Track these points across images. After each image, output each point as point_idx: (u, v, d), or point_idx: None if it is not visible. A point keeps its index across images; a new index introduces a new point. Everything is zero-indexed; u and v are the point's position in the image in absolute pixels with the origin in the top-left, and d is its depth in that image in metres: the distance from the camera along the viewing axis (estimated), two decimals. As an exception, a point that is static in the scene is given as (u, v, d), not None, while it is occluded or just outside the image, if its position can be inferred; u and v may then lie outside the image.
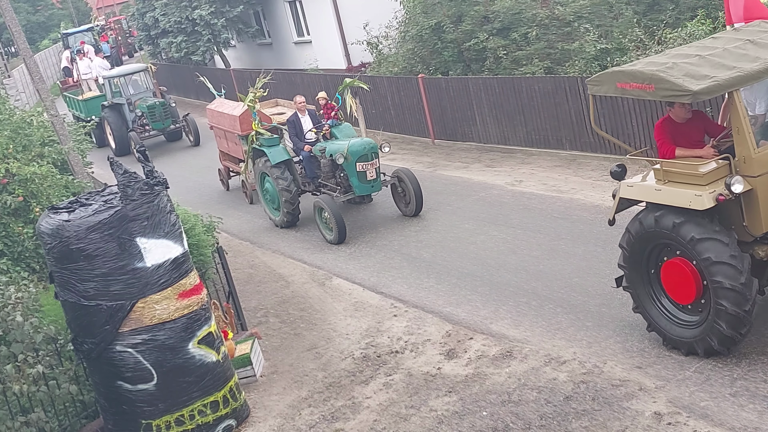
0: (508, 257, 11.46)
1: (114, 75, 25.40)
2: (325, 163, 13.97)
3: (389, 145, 14.29)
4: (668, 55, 8.24)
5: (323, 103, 15.13)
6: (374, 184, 13.62)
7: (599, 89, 8.29)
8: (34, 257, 10.30)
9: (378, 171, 13.63)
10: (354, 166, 13.41)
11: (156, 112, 23.94)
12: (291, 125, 14.55)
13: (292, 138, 14.59)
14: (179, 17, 29.66)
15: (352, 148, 13.38)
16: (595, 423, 7.38)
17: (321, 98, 15.25)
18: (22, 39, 12.30)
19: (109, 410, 8.33)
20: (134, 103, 24.38)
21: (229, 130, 16.92)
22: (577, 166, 14.92)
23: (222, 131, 17.51)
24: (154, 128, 24.12)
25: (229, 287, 11.04)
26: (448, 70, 19.54)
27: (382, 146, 13.90)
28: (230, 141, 17.24)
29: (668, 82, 7.44)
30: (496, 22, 18.39)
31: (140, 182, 8.08)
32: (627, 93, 8.03)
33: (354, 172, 13.46)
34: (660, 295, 8.24)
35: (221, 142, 17.94)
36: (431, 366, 9.01)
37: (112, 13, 62.04)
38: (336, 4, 25.72)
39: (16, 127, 11.68)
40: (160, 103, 24.10)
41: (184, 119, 24.49)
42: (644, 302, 8.34)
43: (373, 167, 13.52)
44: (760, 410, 7.05)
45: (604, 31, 18.18)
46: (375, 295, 11.27)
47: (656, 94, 7.63)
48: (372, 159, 13.51)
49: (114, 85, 24.84)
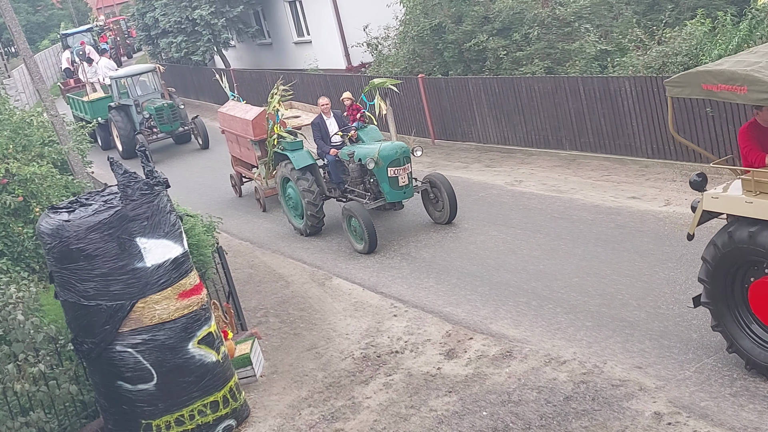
0: (508, 257, 11.46)
1: (121, 75, 24.79)
2: (354, 168, 13.20)
3: (421, 149, 13.61)
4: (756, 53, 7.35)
5: (348, 105, 14.54)
6: (406, 190, 12.89)
7: (681, 91, 7.55)
8: (34, 257, 10.30)
9: (410, 176, 12.94)
10: (385, 171, 12.70)
11: (164, 114, 23.28)
12: (315, 128, 13.84)
13: (316, 141, 13.86)
14: (179, 17, 29.66)
15: (383, 152, 12.65)
16: (595, 423, 7.38)
17: (346, 99, 14.64)
18: (22, 39, 12.30)
19: (109, 410, 8.33)
20: (142, 105, 23.76)
21: (242, 135, 16.35)
22: (576, 166, 14.92)
23: (234, 135, 16.91)
24: (162, 131, 23.45)
25: (229, 287, 11.04)
26: (449, 70, 19.55)
27: (414, 150, 13.24)
28: (242, 146, 16.66)
29: (764, 83, 6.69)
30: (496, 22, 18.40)
31: (140, 182, 8.08)
32: (713, 95, 7.26)
33: (385, 178, 12.74)
34: (746, 316, 7.54)
35: (233, 146, 17.36)
36: (431, 366, 9.01)
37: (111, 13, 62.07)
38: (336, 4, 25.72)
39: (16, 127, 11.69)
40: (168, 105, 23.46)
41: (192, 121, 23.90)
42: (726, 321, 7.64)
43: (405, 172, 12.79)
44: (760, 410, 7.05)
45: (604, 31, 18.20)
46: (375, 295, 11.27)
47: (748, 96, 6.91)
48: (404, 164, 12.79)
49: (121, 86, 24.24)
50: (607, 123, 14.67)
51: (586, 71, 16.43)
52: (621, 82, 14.20)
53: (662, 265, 10.19)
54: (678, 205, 11.99)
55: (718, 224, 11.05)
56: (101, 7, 68.30)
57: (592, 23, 18.23)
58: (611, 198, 12.90)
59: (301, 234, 14.22)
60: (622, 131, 14.45)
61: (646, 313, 9.08)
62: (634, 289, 9.71)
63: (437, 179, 13.16)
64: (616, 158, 14.63)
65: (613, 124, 14.57)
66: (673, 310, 9.01)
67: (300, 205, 13.99)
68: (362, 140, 13.75)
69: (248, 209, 16.83)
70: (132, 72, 24.98)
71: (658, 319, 8.91)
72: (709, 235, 10.70)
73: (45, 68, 43.93)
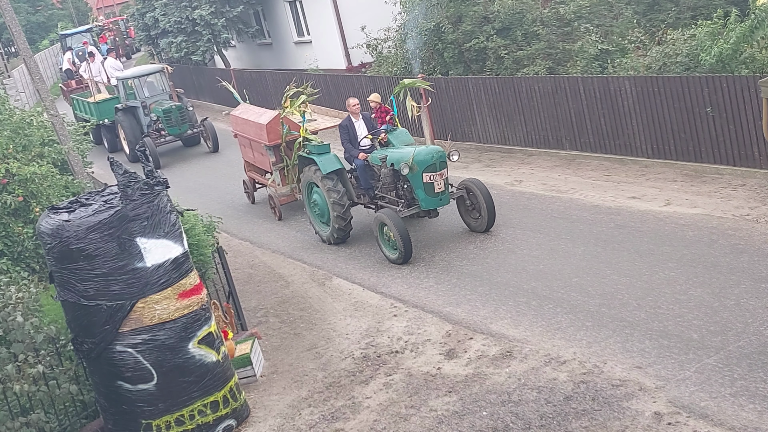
0: (508, 257, 11.46)
1: (128, 76, 23.94)
2: (386, 173, 12.47)
3: (458, 153, 12.80)
4: None
5: (375, 106, 13.91)
6: (442, 197, 12.12)
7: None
8: (34, 257, 10.31)
9: (446, 182, 12.17)
10: (420, 177, 11.96)
11: (172, 116, 22.51)
12: (343, 131, 13.19)
13: (344, 145, 13.20)
14: (179, 17, 29.67)
15: (418, 157, 11.92)
16: (595, 423, 7.38)
17: (373, 100, 14.00)
18: (22, 39, 12.31)
19: (109, 410, 8.33)
20: (149, 107, 23.02)
21: (255, 140, 15.58)
22: (576, 166, 14.93)
23: (247, 140, 16.17)
24: (170, 134, 22.68)
25: (229, 287, 11.05)
26: (449, 70, 19.55)
27: (450, 154, 12.48)
28: (256, 151, 15.91)
29: None
30: (496, 22, 18.40)
31: (140, 182, 8.08)
32: None
33: (420, 184, 12.01)
34: None
35: (246, 151, 16.58)
36: (431, 366, 9.01)
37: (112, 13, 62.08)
38: (336, 4, 25.74)
39: (16, 127, 11.70)
40: (176, 107, 22.68)
41: (201, 124, 23.11)
42: None
43: (441, 178, 12.03)
44: (760, 410, 7.05)
45: (604, 31, 18.21)
46: (375, 295, 11.27)
47: None
48: (440, 169, 12.01)
49: (128, 87, 23.54)
50: (607, 123, 14.68)
51: (586, 71, 16.43)
52: (621, 82, 14.20)
53: (662, 265, 10.19)
54: (678, 205, 12.00)
55: (719, 224, 11.10)
56: (101, 7, 68.37)
57: (592, 23, 18.23)
58: (611, 198, 12.90)
59: (327, 242, 13.54)
60: (622, 131, 14.45)
61: (646, 313, 9.09)
62: (634, 289, 9.71)
63: (474, 185, 12.41)
64: (616, 158, 14.64)
65: (613, 124, 14.57)
66: (673, 310, 9.01)
67: (326, 212, 13.29)
68: (392, 144, 13.08)
69: (248, 209, 16.82)
70: (139, 73, 24.19)
71: (657, 319, 8.92)
72: (710, 235, 10.75)
73: (45, 68, 43.93)
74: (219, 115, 27.04)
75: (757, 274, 9.47)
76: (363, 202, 13.34)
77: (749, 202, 11.59)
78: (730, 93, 12.45)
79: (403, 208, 12.34)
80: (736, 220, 11.09)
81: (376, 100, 14.08)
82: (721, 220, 11.20)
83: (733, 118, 12.58)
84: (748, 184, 12.26)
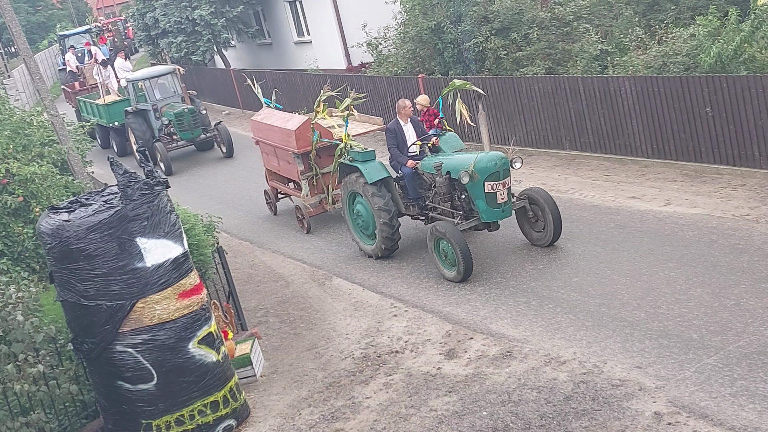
0: (507, 257, 11.45)
1: (138, 78, 22.76)
2: (441, 182, 11.37)
3: (521, 160, 11.51)
4: None
5: (423, 109, 13.18)
6: (505, 208, 11.07)
7: None
8: (34, 257, 10.31)
9: (509, 192, 11.14)
10: (482, 186, 10.90)
11: (184, 120, 21.49)
12: (391, 135, 12.11)
13: (391, 150, 12.14)
14: (179, 17, 29.68)
15: (479, 164, 10.87)
16: (595, 423, 7.38)
17: (421, 103, 13.30)
18: (22, 39, 12.31)
19: (109, 410, 8.33)
20: (161, 110, 21.99)
21: (281, 147, 14.39)
22: (576, 166, 14.93)
23: (271, 147, 14.95)
24: (183, 138, 21.67)
25: (229, 287, 11.05)
26: (449, 70, 19.56)
27: (513, 161, 11.31)
28: (282, 159, 14.71)
29: None
30: (495, 22, 18.41)
31: (140, 182, 8.08)
32: None
33: (481, 194, 10.94)
34: None
35: (269, 159, 15.39)
36: (431, 366, 9.01)
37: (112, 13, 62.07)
38: (336, 4, 25.76)
39: (16, 127, 11.70)
40: (189, 110, 21.63)
41: (215, 128, 22.11)
42: None
43: (504, 187, 10.97)
44: (759, 410, 7.05)
45: (604, 31, 18.22)
46: (375, 295, 11.28)
47: None
48: (504, 177, 10.96)
49: (138, 89, 22.56)
50: (607, 123, 14.68)
51: (586, 71, 16.44)
52: (621, 82, 14.21)
53: (662, 265, 10.20)
54: (678, 205, 12.00)
55: (719, 224, 11.10)
56: (101, 7, 68.40)
57: (592, 23, 18.25)
58: (611, 198, 12.91)
59: (372, 257, 12.48)
60: (622, 131, 14.45)
61: (646, 313, 9.09)
62: (634, 289, 9.71)
63: (538, 195, 11.38)
64: (615, 158, 14.64)
65: (612, 124, 14.58)
66: (673, 310, 9.01)
67: (371, 224, 12.25)
68: (441, 149, 12.20)
69: (248, 209, 16.81)
70: (150, 74, 22.99)
71: (657, 319, 8.92)
72: (710, 235, 10.76)
73: (45, 68, 43.96)
74: (219, 115, 27.09)
75: (757, 274, 9.47)
76: (411, 213, 12.26)
77: (749, 202, 11.60)
78: (730, 93, 12.45)
79: (461, 221, 11.27)
80: (736, 220, 11.10)
81: (424, 102, 13.33)
82: (721, 220, 11.21)
83: (732, 118, 12.58)
84: (748, 184, 12.27)
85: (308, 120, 13.77)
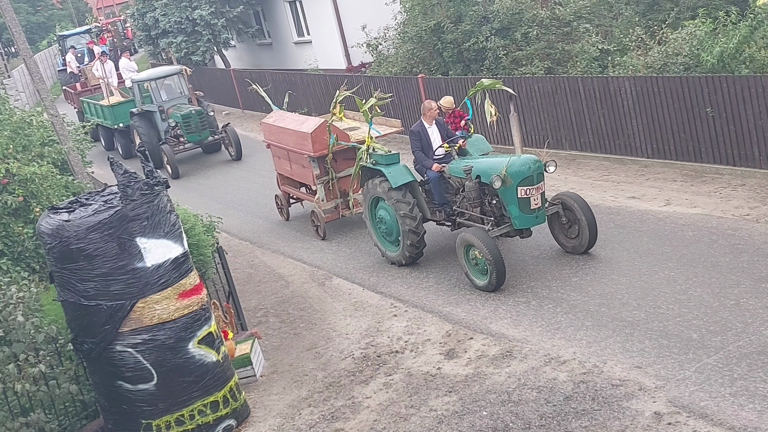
0: (507, 257, 11.44)
1: (144, 79, 22.10)
2: (470, 187, 10.92)
3: (555, 163, 11.06)
4: None
5: (448, 111, 12.90)
6: (538, 213, 10.62)
7: None
8: (34, 257, 10.31)
9: (543, 197, 10.68)
10: (514, 191, 10.44)
11: (191, 122, 20.90)
12: (415, 137, 11.65)
13: (415, 153, 11.73)
14: (179, 17, 29.68)
15: (512, 168, 10.42)
16: (595, 423, 7.38)
17: (446, 104, 12.97)
18: (22, 39, 12.30)
19: (109, 410, 8.34)
20: (167, 111, 21.40)
21: (295, 150, 13.91)
22: (576, 166, 14.93)
23: (284, 151, 14.47)
24: (190, 140, 21.06)
25: (229, 287, 11.05)
26: (448, 70, 19.56)
27: (547, 165, 10.85)
28: (295, 163, 14.26)
29: None
30: (495, 22, 18.42)
31: (140, 182, 8.09)
32: None
33: (513, 199, 10.49)
34: None
35: (281, 163, 14.90)
36: (431, 366, 9.02)
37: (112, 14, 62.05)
38: (336, 4, 25.76)
39: (16, 127, 11.70)
40: (196, 112, 21.04)
41: (224, 130, 21.51)
42: None
43: (538, 192, 10.53)
44: (759, 410, 7.05)
45: (604, 31, 18.23)
46: (375, 295, 11.28)
47: None
48: (537, 182, 10.51)
49: (143, 90, 21.88)
50: (607, 123, 14.68)
51: (586, 72, 16.44)
52: (621, 82, 14.21)
53: (662, 265, 10.20)
54: (678, 205, 12.01)
55: (719, 224, 11.10)
56: (101, 7, 68.36)
57: (592, 23, 18.25)
58: (611, 198, 12.91)
59: (395, 264, 12.00)
60: (622, 131, 14.45)
61: (646, 313, 9.09)
62: (634, 289, 9.71)
63: (572, 200, 10.92)
64: (615, 158, 14.64)
65: (612, 124, 14.58)
66: (673, 310, 9.02)
67: (395, 230, 11.77)
68: (467, 152, 11.78)
69: (248, 209, 16.81)
70: (156, 75, 22.28)
71: (657, 318, 8.92)
72: (710, 235, 10.76)
73: (45, 68, 43.97)
74: (219, 116, 27.07)
75: (757, 274, 9.47)
76: (437, 218, 11.79)
77: (749, 202, 11.60)
78: (730, 93, 12.46)
79: (492, 227, 10.82)
80: (736, 219, 11.10)
81: (447, 105, 13.03)
82: (721, 219, 11.21)
83: (733, 118, 12.58)
84: (748, 184, 12.27)
85: (324, 122, 13.39)
